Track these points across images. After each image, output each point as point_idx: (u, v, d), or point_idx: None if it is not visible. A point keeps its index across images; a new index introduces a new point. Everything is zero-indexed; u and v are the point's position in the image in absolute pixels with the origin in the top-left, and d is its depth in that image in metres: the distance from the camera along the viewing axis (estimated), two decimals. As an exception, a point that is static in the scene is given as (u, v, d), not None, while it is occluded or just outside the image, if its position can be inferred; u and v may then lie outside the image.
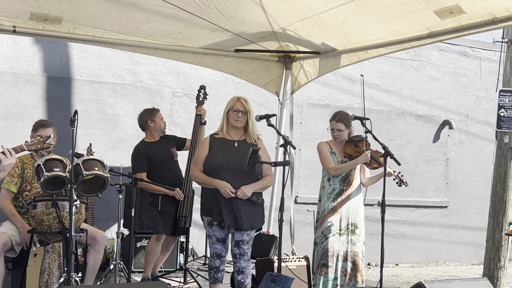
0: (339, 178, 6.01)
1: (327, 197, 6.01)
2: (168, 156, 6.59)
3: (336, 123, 6.05)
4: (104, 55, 8.46)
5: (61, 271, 5.10)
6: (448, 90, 10.74)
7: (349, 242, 5.98)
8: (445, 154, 10.70)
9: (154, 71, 8.75)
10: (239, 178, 5.14)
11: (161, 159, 6.51)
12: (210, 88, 7.93)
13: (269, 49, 7.10)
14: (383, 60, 10.12)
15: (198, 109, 6.72)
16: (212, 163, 5.20)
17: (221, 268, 5.28)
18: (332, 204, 5.98)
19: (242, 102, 5.33)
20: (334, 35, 6.39)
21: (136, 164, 6.49)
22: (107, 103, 8.46)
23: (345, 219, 5.99)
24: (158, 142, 6.62)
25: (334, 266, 5.92)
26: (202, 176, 5.26)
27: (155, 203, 6.44)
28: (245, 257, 5.22)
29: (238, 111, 5.29)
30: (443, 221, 10.65)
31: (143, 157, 6.45)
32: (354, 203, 6.05)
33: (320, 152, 6.09)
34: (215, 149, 5.26)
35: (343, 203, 5.99)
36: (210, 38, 6.69)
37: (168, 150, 6.63)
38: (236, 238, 5.20)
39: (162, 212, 6.42)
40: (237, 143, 5.29)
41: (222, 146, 5.26)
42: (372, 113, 9.79)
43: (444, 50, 10.68)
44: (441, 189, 10.67)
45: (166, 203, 6.43)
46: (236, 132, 5.36)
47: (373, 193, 9.54)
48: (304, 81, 7.47)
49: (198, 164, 5.31)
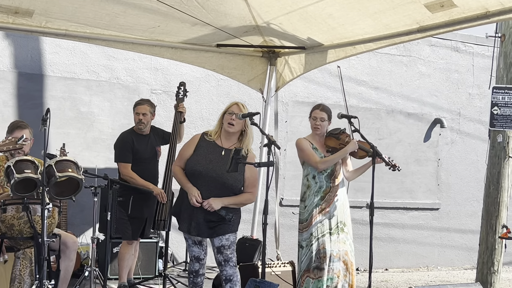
0: (325, 175, 6.03)
1: (314, 195, 6.01)
2: (151, 155, 6.60)
3: (320, 111, 6.07)
4: (78, 50, 8.43)
5: (33, 279, 5.07)
6: (439, 87, 10.82)
7: (340, 241, 6.01)
8: (437, 154, 10.78)
9: (131, 67, 8.74)
10: (214, 189, 5.14)
11: (145, 157, 6.52)
12: (190, 85, 7.93)
13: (253, 44, 7.11)
14: (372, 55, 10.17)
15: (179, 107, 6.73)
16: (192, 167, 5.21)
17: (201, 272, 5.29)
18: (321, 203, 6.00)
19: (239, 106, 5.33)
20: (320, 29, 6.42)
21: (121, 153, 6.50)
22: (81, 101, 8.43)
23: (335, 218, 6.02)
24: (147, 137, 6.62)
25: (327, 268, 5.93)
26: (179, 175, 5.28)
27: (124, 205, 6.42)
28: (230, 263, 5.21)
29: (233, 114, 5.28)
30: (435, 223, 10.72)
31: (129, 147, 6.46)
32: (341, 200, 6.08)
33: (302, 148, 6.09)
34: (200, 153, 5.25)
35: (332, 200, 6.01)
36: (190, 33, 6.69)
37: (153, 148, 6.63)
38: (216, 244, 5.21)
39: (131, 217, 6.42)
40: (224, 151, 5.26)
41: (208, 151, 5.25)
42: (361, 111, 9.84)
43: (435, 45, 10.76)
44: (432, 190, 10.75)
45: (137, 206, 6.42)
46: (228, 139, 5.33)
47: (361, 195, 9.63)
48: (289, 78, 7.50)
49: (181, 160, 5.33)
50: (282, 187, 9.33)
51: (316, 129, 6.10)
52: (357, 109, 9.93)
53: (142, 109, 6.58)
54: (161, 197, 6.38)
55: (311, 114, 6.16)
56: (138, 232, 6.49)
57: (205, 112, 9.16)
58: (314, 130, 6.12)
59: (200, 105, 9.11)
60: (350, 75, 10.06)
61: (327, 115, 6.08)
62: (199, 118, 9.11)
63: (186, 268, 8.09)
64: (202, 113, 9.15)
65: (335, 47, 6.78)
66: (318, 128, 6.09)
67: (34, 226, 4.99)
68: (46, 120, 4.81)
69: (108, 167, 7.96)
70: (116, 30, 6.52)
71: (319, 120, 6.07)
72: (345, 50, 6.74)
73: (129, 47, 6.86)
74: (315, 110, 6.12)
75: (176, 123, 6.72)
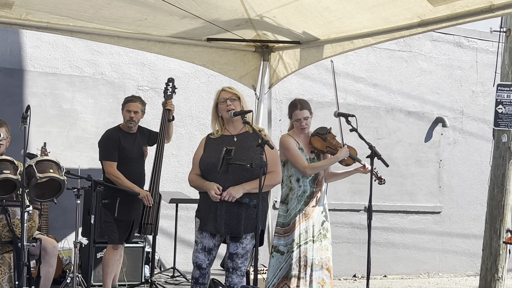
0: (309, 179, 5.95)
1: (297, 200, 5.93)
2: (138, 155, 6.57)
3: (301, 111, 5.97)
4: (61, 44, 8.40)
5: (12, 285, 5.05)
6: (441, 84, 10.84)
7: (323, 248, 5.97)
8: (438, 155, 10.80)
9: (116, 62, 8.71)
10: (232, 177, 5.04)
11: (131, 156, 6.48)
12: (179, 81, 7.91)
13: (245, 38, 7.10)
14: (370, 51, 10.18)
15: (167, 104, 6.70)
16: (206, 162, 5.13)
17: (200, 281, 5.16)
18: (304, 208, 5.93)
19: (226, 90, 5.29)
20: (316, 23, 6.41)
21: (106, 151, 6.45)
22: (63, 98, 8.40)
23: (318, 224, 5.97)
24: (134, 136, 6.59)
25: (307, 277, 5.88)
26: (195, 178, 5.19)
27: (111, 208, 6.39)
28: (239, 272, 5.15)
29: (226, 100, 5.23)
30: (436, 228, 10.74)
31: (115, 145, 6.42)
32: (323, 205, 6.05)
33: (288, 148, 5.94)
34: (210, 148, 5.20)
35: (315, 206, 5.97)
36: (179, 26, 6.67)
37: (140, 147, 6.61)
38: (231, 250, 5.16)
39: (118, 220, 6.39)
40: (236, 137, 5.20)
41: (218, 143, 5.17)
42: (358, 110, 9.84)
43: (437, 40, 10.77)
44: (434, 193, 10.76)
45: (124, 209, 6.39)
46: (233, 126, 5.26)
47: (359, 197, 9.65)
48: (284, 74, 7.48)
49: (194, 167, 5.24)
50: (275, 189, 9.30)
51: (303, 130, 6.01)
52: (355, 107, 9.94)
53: (133, 107, 6.54)
54: (147, 200, 6.34)
55: (291, 116, 6.04)
56: (125, 236, 6.47)
57: (194, 110, 9.14)
58: (301, 131, 6.02)
59: (189, 102, 9.09)
60: (348, 72, 10.06)
61: (309, 112, 5.99)
62: (188, 116, 9.09)
63: (174, 275, 8.07)
64: (192, 110, 9.13)
65: (332, 42, 6.77)
66: (305, 128, 6.00)
67: (13, 230, 4.97)
68: (26, 118, 4.79)
69: (91, 167, 7.94)
70: (101, 23, 6.49)
71: (303, 121, 5.96)
72: (343, 45, 6.73)
73: (115, 41, 6.84)
74: (295, 111, 5.98)
75: (164, 121, 6.69)
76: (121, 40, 6.82)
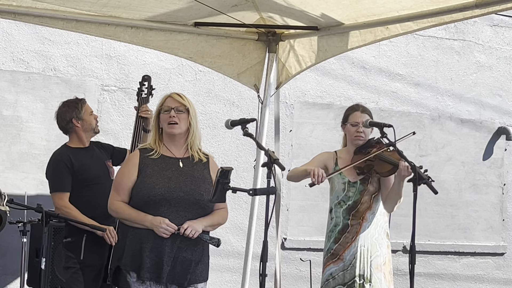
0: (343, 208, 6.03)
1: (328, 236, 6.07)
2: (102, 172, 6.57)
3: (362, 113, 6.11)
4: (0, 30, 8.43)
5: None
6: (504, 83, 10.87)
7: None
8: (501, 177, 10.81)
9: (74, 54, 8.74)
10: (185, 213, 5.17)
11: (92, 175, 6.49)
12: (157, 79, 7.94)
13: (245, 23, 7.13)
14: (411, 39, 10.22)
15: (141, 110, 6.72)
16: (149, 193, 5.20)
17: None
18: (334, 247, 6.01)
19: (173, 97, 5.39)
20: (339, 2, 6.45)
21: (55, 179, 6.46)
22: (4, 101, 8.42)
23: (351, 269, 6.00)
24: (89, 150, 6.61)
25: None
26: (127, 210, 5.26)
27: (75, 248, 6.37)
28: None
29: (170, 109, 5.30)
30: (498, 274, 10.74)
31: (67, 169, 6.42)
32: (365, 245, 6.07)
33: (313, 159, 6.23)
34: (150, 173, 5.25)
35: (348, 245, 6.01)
36: (157, 6, 6.70)
37: (102, 162, 6.61)
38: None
39: (84, 263, 6.38)
40: (182, 162, 5.31)
41: (160, 168, 5.26)
42: (395, 117, 9.87)
43: (499, 25, 10.81)
44: (495, 228, 10.77)
45: (92, 249, 6.39)
46: (175, 145, 5.38)
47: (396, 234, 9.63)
48: (296, 70, 7.51)
49: (120, 192, 5.31)
50: (285, 222, 9.33)
51: (358, 138, 6.09)
52: (391, 113, 9.97)
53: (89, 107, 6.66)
54: (109, 237, 6.32)
55: (347, 119, 6.17)
56: (94, 286, 6.44)
57: (177, 118, 9.17)
58: (355, 140, 6.10)
59: (170, 107, 9.12)
60: (381, 67, 10.09)
61: (369, 117, 6.12)
62: (169, 126, 9.11)
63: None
64: (174, 118, 9.15)
65: (360, 28, 6.80)
66: (361, 138, 6.08)
67: None
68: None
69: (41, 193, 7.94)
70: (54, 2, 6.52)
71: (361, 126, 6.05)
72: (374, 31, 6.76)
73: (72, 26, 6.85)
74: (355, 113, 6.14)
75: (137, 132, 6.70)
76: (81, 25, 6.84)
